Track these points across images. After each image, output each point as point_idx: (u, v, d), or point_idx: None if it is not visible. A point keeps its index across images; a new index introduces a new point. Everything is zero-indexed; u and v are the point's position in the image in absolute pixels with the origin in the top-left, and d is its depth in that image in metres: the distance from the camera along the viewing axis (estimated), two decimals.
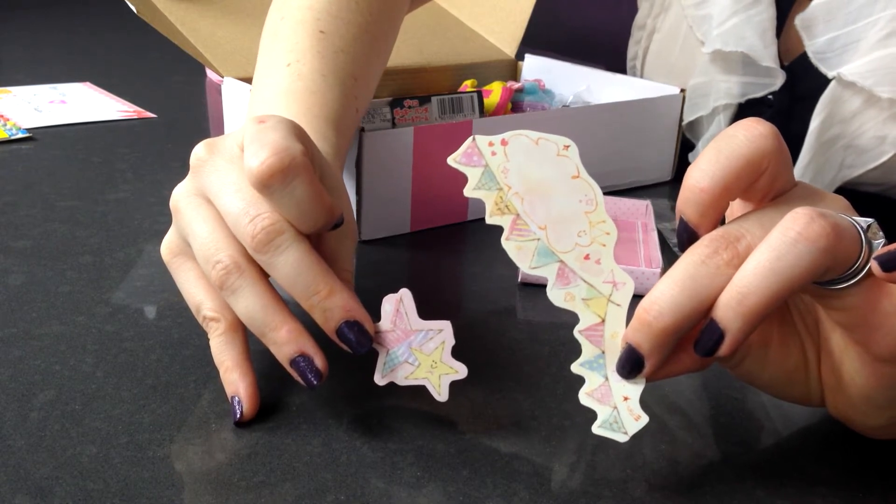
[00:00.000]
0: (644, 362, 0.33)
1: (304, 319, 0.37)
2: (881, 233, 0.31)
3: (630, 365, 0.33)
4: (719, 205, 0.32)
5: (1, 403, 0.38)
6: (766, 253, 0.30)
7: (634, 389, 0.34)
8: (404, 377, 0.37)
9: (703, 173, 0.32)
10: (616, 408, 0.34)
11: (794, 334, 0.36)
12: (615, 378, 0.34)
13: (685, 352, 0.33)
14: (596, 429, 0.34)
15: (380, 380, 0.37)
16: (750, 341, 0.34)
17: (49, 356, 0.42)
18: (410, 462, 0.36)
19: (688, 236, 0.33)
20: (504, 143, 0.34)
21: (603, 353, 0.34)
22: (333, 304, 0.36)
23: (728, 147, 0.32)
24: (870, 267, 0.30)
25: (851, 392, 0.34)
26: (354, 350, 0.36)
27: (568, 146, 0.33)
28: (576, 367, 0.34)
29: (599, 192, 0.33)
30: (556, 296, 0.34)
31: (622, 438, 0.34)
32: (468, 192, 0.34)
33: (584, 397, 0.34)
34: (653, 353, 0.32)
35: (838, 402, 0.36)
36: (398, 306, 0.37)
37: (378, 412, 0.39)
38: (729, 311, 0.30)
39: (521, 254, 0.34)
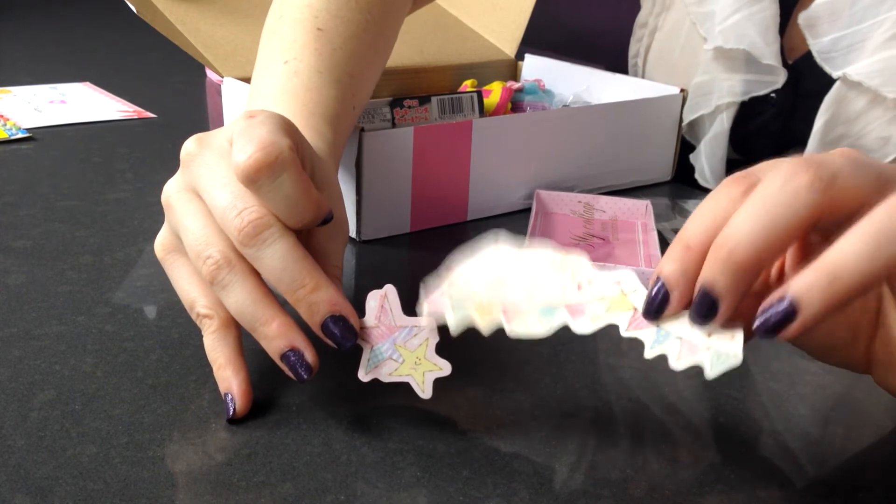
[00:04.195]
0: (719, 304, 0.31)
1: (294, 316, 0.37)
2: None
3: (707, 306, 0.32)
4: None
5: (1, 403, 0.38)
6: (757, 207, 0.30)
7: (713, 333, 0.33)
8: (388, 374, 0.37)
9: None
10: (710, 348, 0.33)
11: (851, 309, 0.35)
12: (691, 334, 0.33)
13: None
14: (712, 373, 0.33)
15: (364, 376, 0.37)
16: None
17: (49, 356, 0.42)
18: (410, 462, 0.36)
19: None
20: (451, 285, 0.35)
21: (659, 326, 0.33)
22: (319, 298, 0.36)
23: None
24: None
25: None
26: (339, 345, 0.36)
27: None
28: (650, 353, 0.33)
29: (539, 250, 0.35)
30: (581, 325, 0.34)
31: (737, 361, 0.32)
32: (454, 330, 0.35)
33: (676, 363, 0.33)
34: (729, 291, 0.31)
35: (890, 378, 0.35)
36: (382, 302, 0.37)
37: (378, 412, 0.39)
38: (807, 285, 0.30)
39: (533, 326, 0.35)
